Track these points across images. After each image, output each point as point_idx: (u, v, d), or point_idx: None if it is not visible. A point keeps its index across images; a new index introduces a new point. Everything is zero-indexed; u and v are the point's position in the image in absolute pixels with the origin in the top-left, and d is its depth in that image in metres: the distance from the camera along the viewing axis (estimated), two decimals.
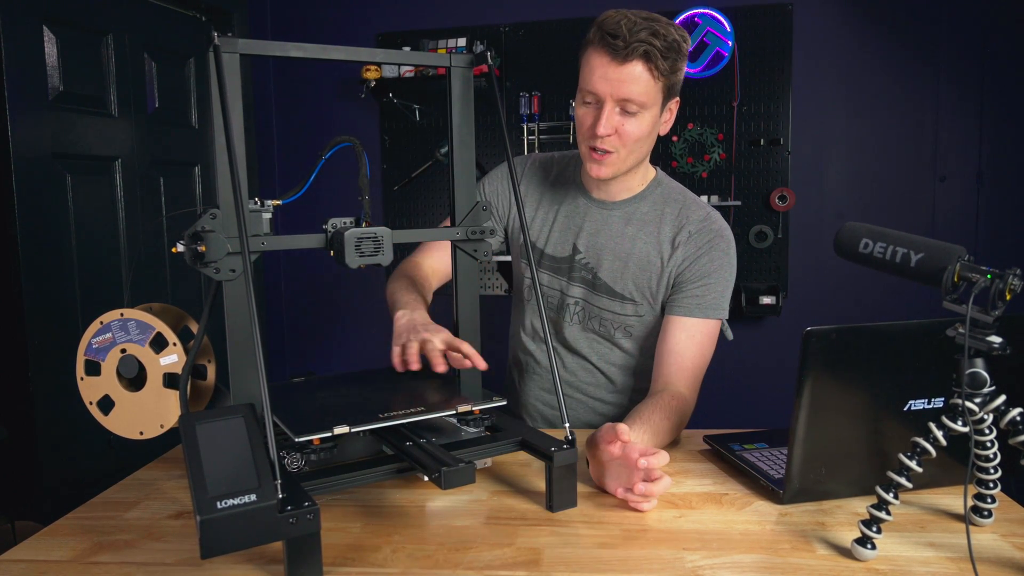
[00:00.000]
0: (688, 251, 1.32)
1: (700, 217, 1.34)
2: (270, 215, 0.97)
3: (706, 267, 1.31)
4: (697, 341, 1.30)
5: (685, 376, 1.28)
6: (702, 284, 1.31)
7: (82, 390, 1.03)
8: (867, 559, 0.84)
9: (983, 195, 2.73)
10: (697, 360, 1.30)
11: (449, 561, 0.86)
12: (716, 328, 1.33)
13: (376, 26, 3.03)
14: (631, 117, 1.21)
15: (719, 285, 1.32)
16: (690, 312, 1.31)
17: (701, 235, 1.33)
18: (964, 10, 2.67)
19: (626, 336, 1.39)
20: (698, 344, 1.30)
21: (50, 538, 0.94)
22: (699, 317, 1.31)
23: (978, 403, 0.81)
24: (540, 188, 1.44)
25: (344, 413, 0.96)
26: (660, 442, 1.16)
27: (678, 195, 1.37)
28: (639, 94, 1.18)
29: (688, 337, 1.30)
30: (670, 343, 1.30)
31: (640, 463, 0.94)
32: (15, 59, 1.97)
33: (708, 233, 1.33)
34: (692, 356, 1.30)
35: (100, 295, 2.24)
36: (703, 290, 1.31)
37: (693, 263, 1.32)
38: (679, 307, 1.32)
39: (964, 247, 0.80)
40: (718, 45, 2.69)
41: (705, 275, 1.31)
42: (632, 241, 1.35)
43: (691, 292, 1.31)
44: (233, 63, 0.92)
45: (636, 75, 1.17)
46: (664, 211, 1.35)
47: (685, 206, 1.35)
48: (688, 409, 1.27)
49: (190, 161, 2.71)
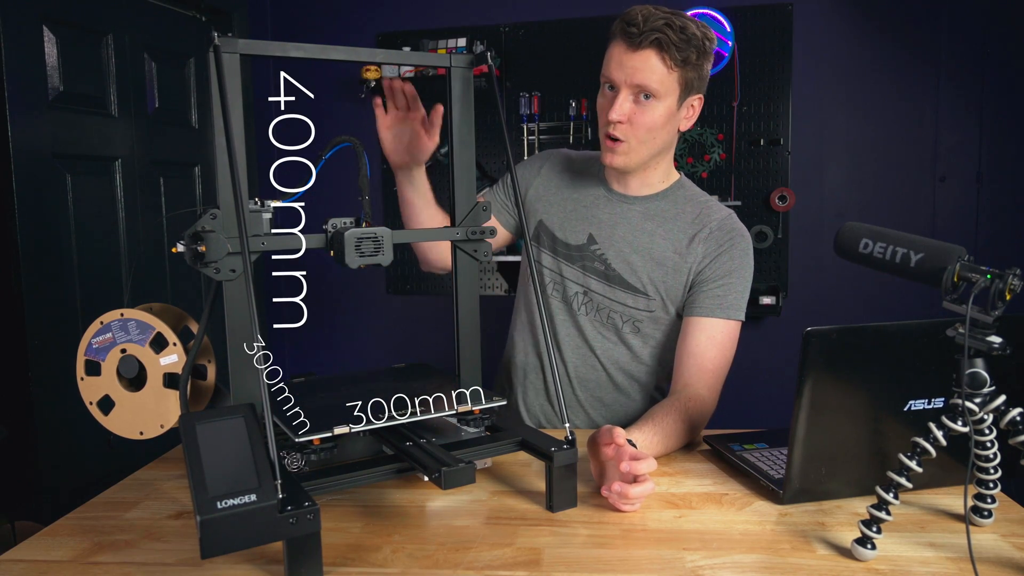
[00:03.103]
0: (708, 248, 1.32)
1: (721, 217, 1.34)
2: (270, 215, 0.97)
3: (726, 266, 1.31)
4: (718, 342, 1.29)
5: (705, 377, 1.28)
6: (722, 284, 1.30)
7: (82, 390, 1.03)
8: (867, 559, 0.84)
9: (983, 195, 2.73)
10: (718, 361, 1.29)
11: (449, 561, 0.86)
12: (736, 330, 1.32)
13: (376, 26, 3.03)
14: (644, 105, 1.23)
15: (739, 285, 1.31)
16: (711, 312, 1.30)
17: (721, 233, 1.32)
18: (964, 10, 2.67)
19: (634, 332, 1.38)
20: (719, 345, 1.29)
21: (50, 538, 0.94)
22: (720, 318, 1.29)
23: (978, 403, 0.81)
24: (561, 178, 1.45)
25: (344, 413, 0.96)
26: (671, 445, 1.17)
27: (700, 198, 1.38)
28: (652, 81, 1.21)
29: (708, 338, 1.29)
30: (690, 345, 1.29)
31: (623, 466, 0.95)
32: (15, 59, 1.97)
33: (728, 232, 1.33)
34: (712, 357, 1.29)
35: (100, 295, 2.24)
36: (723, 290, 1.30)
37: (712, 261, 1.31)
38: (699, 307, 1.31)
39: (964, 247, 0.80)
40: (718, 45, 2.69)
41: (725, 274, 1.31)
42: (651, 236, 1.35)
43: (711, 292, 1.31)
44: (233, 63, 0.92)
45: (649, 62, 1.21)
46: (684, 210, 1.36)
47: (707, 207, 1.36)
48: (707, 411, 1.26)
49: (190, 161, 2.71)
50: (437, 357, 1.51)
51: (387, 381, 1.16)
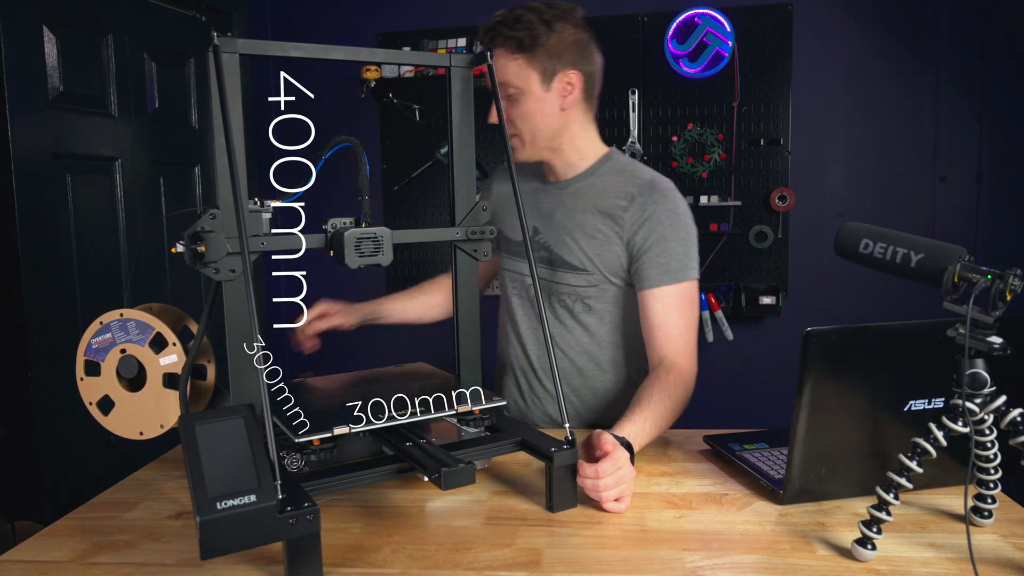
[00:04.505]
0: (634, 214, 1.32)
1: (644, 180, 1.35)
2: (270, 215, 0.97)
3: (657, 230, 1.31)
4: (675, 307, 1.30)
5: (674, 345, 1.29)
6: (661, 250, 1.30)
7: (82, 390, 1.03)
8: (867, 559, 0.84)
9: (983, 195, 2.73)
10: (682, 325, 1.30)
11: (449, 561, 0.86)
12: (692, 288, 1.32)
13: (376, 26, 3.03)
14: (515, 100, 1.31)
15: (678, 246, 1.31)
16: (660, 282, 1.30)
17: (643, 197, 1.32)
18: (964, 10, 2.67)
19: (586, 311, 1.40)
20: (677, 309, 1.30)
21: (50, 538, 0.94)
22: (670, 284, 1.30)
23: (978, 404, 0.81)
24: (503, 185, 1.53)
25: (344, 413, 0.96)
26: (664, 424, 1.20)
27: (627, 166, 1.40)
28: (506, 77, 1.29)
29: (664, 307, 1.30)
30: (650, 318, 1.31)
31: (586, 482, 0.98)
32: (15, 59, 1.97)
33: (653, 194, 1.33)
34: (675, 323, 1.29)
35: (100, 295, 2.24)
36: (665, 256, 1.30)
37: (642, 227, 1.31)
38: (647, 279, 1.31)
39: (964, 247, 0.80)
40: (718, 45, 2.69)
41: (660, 239, 1.30)
42: (583, 213, 1.38)
43: (654, 261, 1.31)
44: (233, 63, 0.92)
45: (498, 62, 1.29)
46: (610, 181, 1.38)
47: (632, 174, 1.38)
48: (688, 379, 1.27)
49: (190, 161, 2.71)
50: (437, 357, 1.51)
51: (387, 381, 1.16)
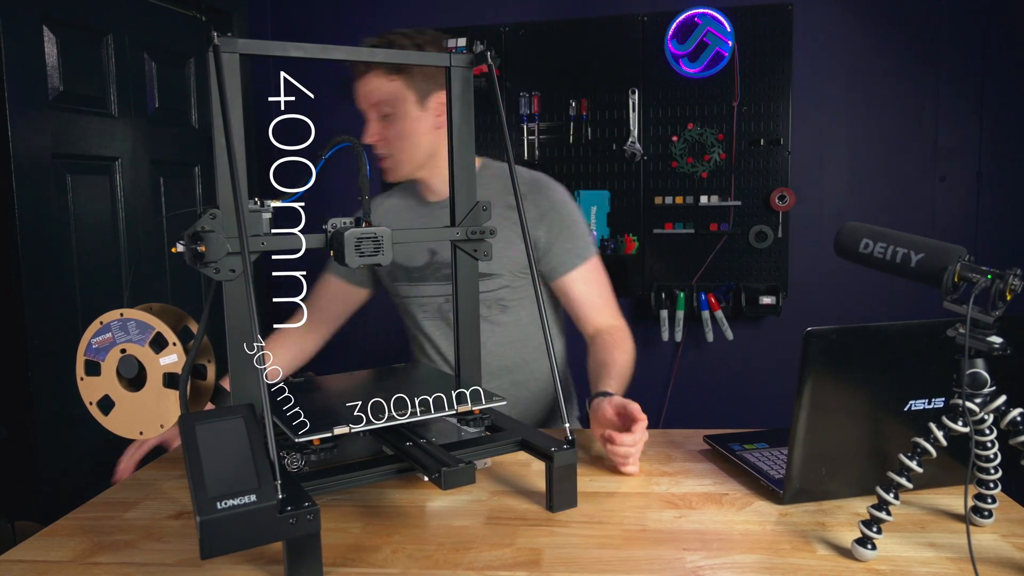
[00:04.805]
0: (530, 212, 1.39)
1: (528, 180, 1.44)
2: (270, 215, 0.97)
3: (559, 222, 1.42)
4: (593, 280, 1.45)
5: (603, 311, 1.45)
6: (567, 236, 1.43)
7: (82, 390, 1.03)
8: (867, 559, 0.84)
9: (983, 195, 2.73)
10: (604, 293, 1.46)
11: (449, 561, 0.86)
12: (597, 260, 1.47)
13: (376, 26, 3.03)
14: (389, 120, 1.38)
15: (578, 228, 1.45)
16: (572, 266, 1.43)
17: (535, 194, 1.42)
18: (964, 10, 2.67)
19: (502, 311, 1.46)
20: (595, 282, 1.46)
21: (50, 538, 0.94)
22: (580, 265, 1.44)
23: (978, 403, 0.81)
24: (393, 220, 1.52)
25: (344, 413, 0.96)
26: (628, 377, 1.33)
27: (505, 170, 1.45)
28: (380, 97, 1.37)
29: (584, 284, 1.44)
30: (575, 298, 1.44)
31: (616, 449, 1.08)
32: (15, 59, 1.96)
33: (542, 190, 1.43)
34: (598, 294, 1.45)
35: (100, 295, 2.24)
36: (569, 243, 1.43)
37: (541, 222, 1.42)
38: (560, 266, 1.43)
39: (964, 247, 0.80)
40: (718, 45, 2.69)
41: (564, 228, 1.43)
42: None
43: (562, 248, 1.43)
44: (233, 63, 0.92)
45: (372, 84, 1.38)
46: (495, 185, 1.43)
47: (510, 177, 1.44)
48: (626, 333, 1.43)
49: (190, 161, 2.71)
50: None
51: (387, 381, 1.16)
